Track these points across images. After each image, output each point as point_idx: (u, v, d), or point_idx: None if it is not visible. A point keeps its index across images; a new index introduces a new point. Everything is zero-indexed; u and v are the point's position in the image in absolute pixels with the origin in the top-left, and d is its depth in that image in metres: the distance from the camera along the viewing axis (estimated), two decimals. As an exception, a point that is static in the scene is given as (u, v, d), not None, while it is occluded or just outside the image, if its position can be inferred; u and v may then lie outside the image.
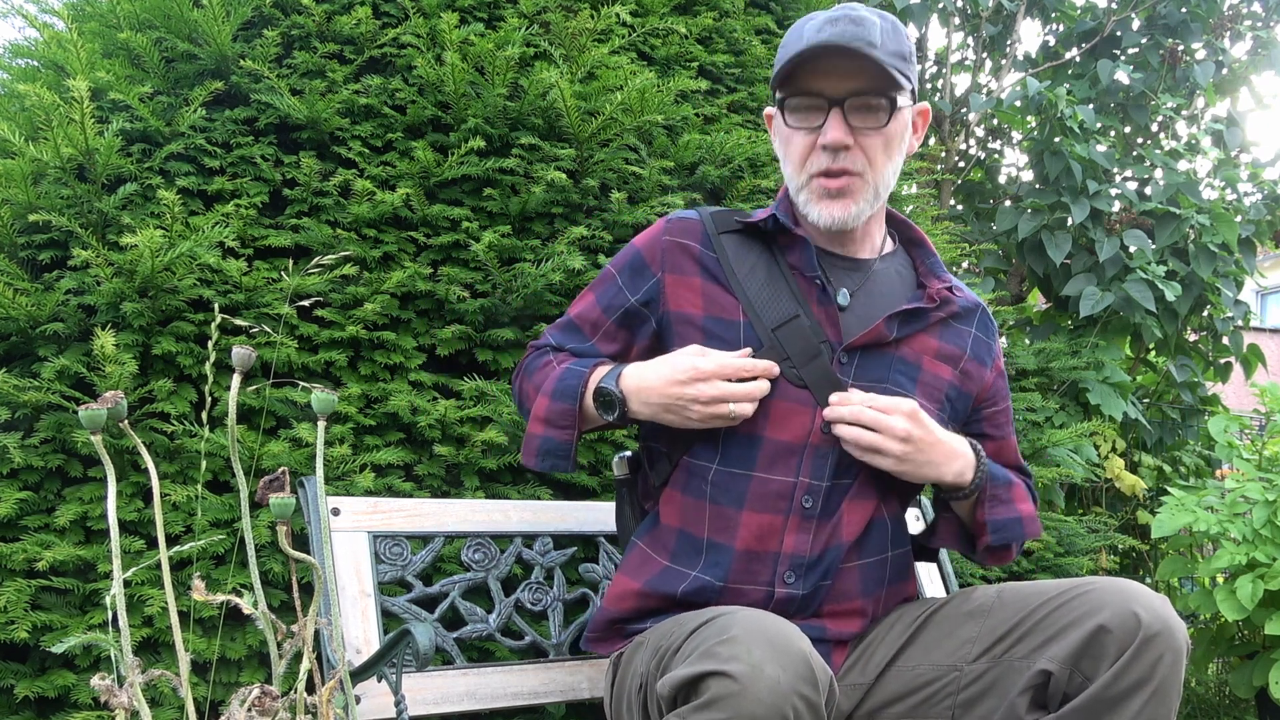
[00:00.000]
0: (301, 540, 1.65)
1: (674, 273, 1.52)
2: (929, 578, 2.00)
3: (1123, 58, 4.49)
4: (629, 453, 1.63)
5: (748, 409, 1.42)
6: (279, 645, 1.13)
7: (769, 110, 1.56)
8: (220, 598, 1.11)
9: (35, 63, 2.19)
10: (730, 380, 1.41)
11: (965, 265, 4.39)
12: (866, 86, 1.41)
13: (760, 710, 1.10)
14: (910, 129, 1.51)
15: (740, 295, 1.49)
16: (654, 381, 1.43)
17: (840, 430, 1.43)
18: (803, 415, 1.45)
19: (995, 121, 4.64)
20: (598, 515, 1.82)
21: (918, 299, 1.52)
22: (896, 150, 1.47)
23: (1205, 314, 4.28)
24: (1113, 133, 4.34)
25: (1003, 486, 1.53)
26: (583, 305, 1.59)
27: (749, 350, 1.45)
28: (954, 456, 1.47)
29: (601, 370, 1.49)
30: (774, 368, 1.44)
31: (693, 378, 1.40)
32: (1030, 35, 27.48)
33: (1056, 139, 4.00)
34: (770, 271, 1.50)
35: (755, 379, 1.42)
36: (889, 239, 1.60)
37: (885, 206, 1.57)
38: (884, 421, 1.40)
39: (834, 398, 1.44)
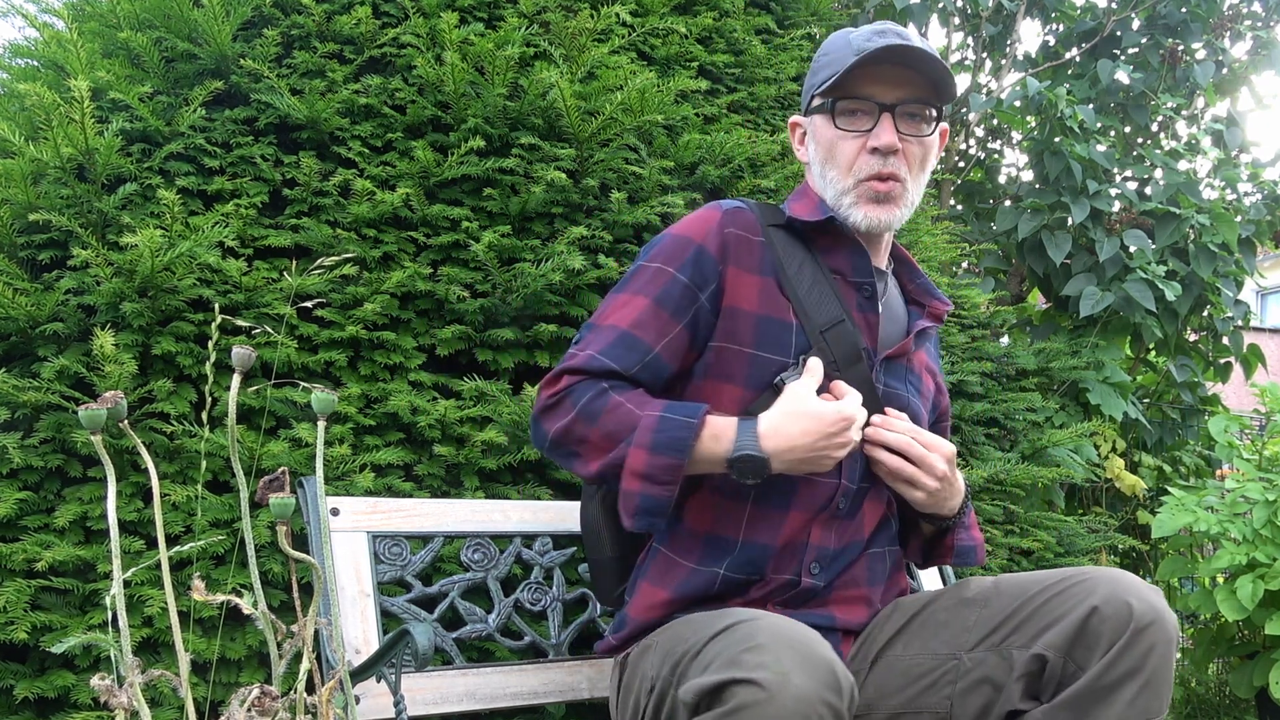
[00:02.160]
0: (301, 540, 1.65)
1: (736, 265, 1.47)
2: (926, 573, 2.00)
3: (1123, 58, 4.49)
4: None
5: (858, 433, 1.42)
6: (279, 645, 1.13)
7: (797, 119, 1.58)
8: (220, 598, 1.11)
9: (35, 62, 2.19)
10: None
11: (965, 265, 4.38)
12: (917, 95, 1.46)
13: (786, 718, 1.10)
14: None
15: (791, 295, 1.48)
16: (801, 438, 1.36)
17: (878, 454, 1.46)
18: None
19: (995, 121, 4.63)
20: (597, 515, 1.82)
21: (918, 316, 1.59)
22: (931, 162, 1.53)
23: (1205, 314, 4.28)
24: (1113, 133, 4.33)
25: (968, 514, 1.61)
26: (636, 312, 1.44)
27: (818, 361, 1.43)
28: (960, 494, 1.54)
29: (717, 423, 1.37)
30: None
31: (843, 427, 1.37)
32: (1030, 35, 27.50)
33: (1056, 139, 4.00)
34: (815, 273, 1.50)
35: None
36: None
37: None
38: (929, 460, 1.46)
39: (877, 419, 1.47)
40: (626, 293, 1.46)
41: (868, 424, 1.46)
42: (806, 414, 1.36)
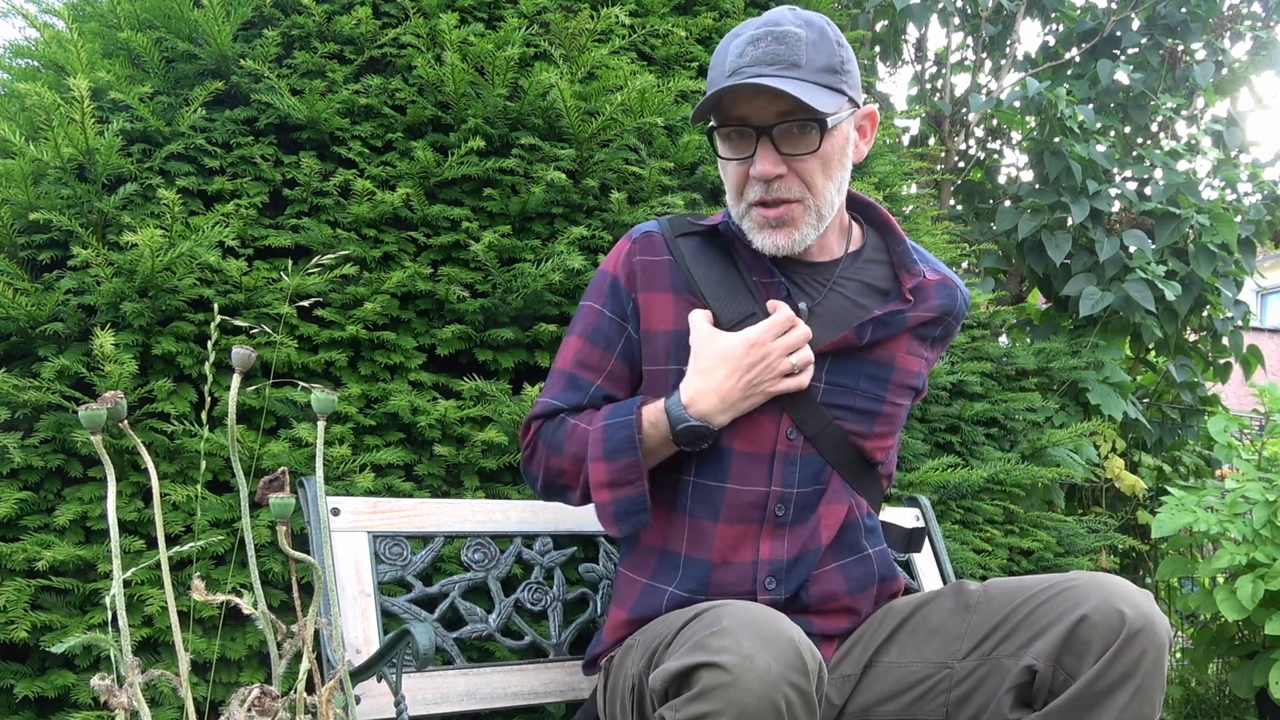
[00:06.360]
0: (301, 540, 1.65)
1: (647, 290, 1.50)
2: (926, 574, 2.00)
3: (1123, 58, 4.49)
4: None
5: (808, 354, 1.41)
6: (279, 645, 1.13)
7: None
8: (220, 598, 1.11)
9: (35, 63, 2.19)
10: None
11: (965, 265, 4.39)
12: (793, 111, 1.36)
13: (751, 700, 1.11)
14: (854, 139, 1.45)
15: (700, 300, 1.47)
16: (726, 381, 1.39)
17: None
18: (768, 423, 1.45)
19: (995, 121, 4.64)
20: (598, 515, 1.82)
21: (895, 296, 1.49)
22: (837, 166, 1.43)
23: (1205, 314, 4.28)
24: (1113, 133, 4.33)
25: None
26: (575, 352, 1.52)
27: (701, 313, 1.44)
28: None
29: (651, 410, 1.43)
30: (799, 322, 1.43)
31: (761, 355, 1.39)
32: (1030, 35, 27.51)
33: (1056, 139, 4.00)
34: (727, 272, 1.48)
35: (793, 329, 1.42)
36: (854, 225, 1.56)
37: (844, 199, 1.50)
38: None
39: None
40: (571, 334, 1.54)
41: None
42: (717, 357, 1.40)
